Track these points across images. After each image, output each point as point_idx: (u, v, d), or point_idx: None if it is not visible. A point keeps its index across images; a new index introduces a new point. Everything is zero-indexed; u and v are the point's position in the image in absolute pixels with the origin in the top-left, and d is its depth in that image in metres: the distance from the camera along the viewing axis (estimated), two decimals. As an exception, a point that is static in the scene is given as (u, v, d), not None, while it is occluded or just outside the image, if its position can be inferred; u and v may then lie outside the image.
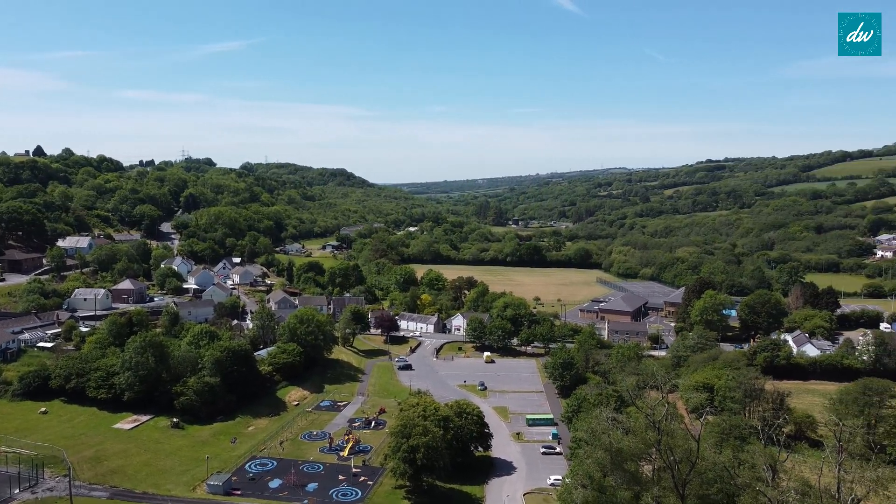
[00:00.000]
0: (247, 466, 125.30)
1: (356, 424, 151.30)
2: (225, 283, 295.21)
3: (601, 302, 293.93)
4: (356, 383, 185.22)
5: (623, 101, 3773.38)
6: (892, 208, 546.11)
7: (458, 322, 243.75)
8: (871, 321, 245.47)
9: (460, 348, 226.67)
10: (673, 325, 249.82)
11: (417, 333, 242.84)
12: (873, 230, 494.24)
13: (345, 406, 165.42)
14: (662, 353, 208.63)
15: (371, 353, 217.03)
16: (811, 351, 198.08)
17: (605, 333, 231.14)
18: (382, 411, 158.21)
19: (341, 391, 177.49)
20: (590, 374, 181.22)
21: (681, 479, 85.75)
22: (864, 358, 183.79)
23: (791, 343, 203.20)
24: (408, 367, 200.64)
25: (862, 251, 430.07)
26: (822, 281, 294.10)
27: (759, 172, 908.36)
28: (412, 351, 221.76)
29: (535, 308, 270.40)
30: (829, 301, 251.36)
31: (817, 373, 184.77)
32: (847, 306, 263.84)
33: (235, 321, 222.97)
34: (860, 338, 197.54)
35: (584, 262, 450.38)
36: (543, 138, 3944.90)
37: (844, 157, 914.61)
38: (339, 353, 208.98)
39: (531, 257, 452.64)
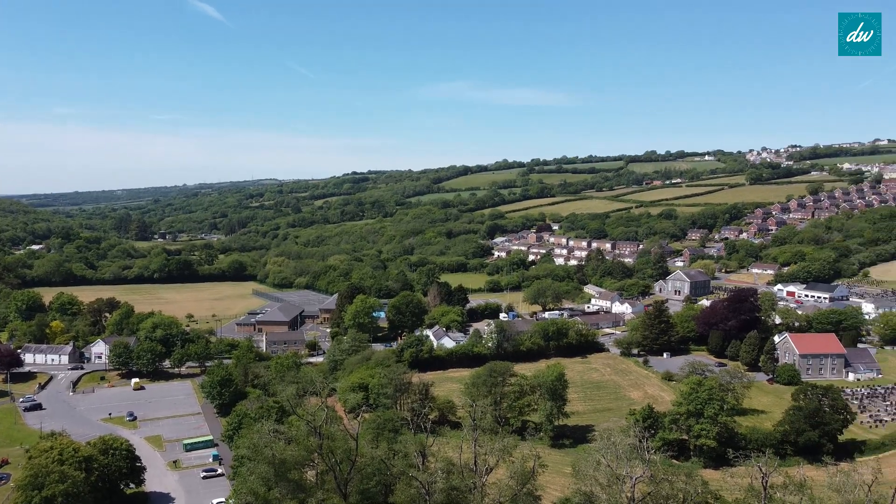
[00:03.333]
0: None
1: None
2: None
3: (258, 314, 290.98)
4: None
5: (271, 113, 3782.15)
6: (504, 215, 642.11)
7: (100, 349, 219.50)
8: (493, 312, 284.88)
9: (103, 378, 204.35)
10: (329, 330, 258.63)
11: (48, 367, 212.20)
12: (490, 234, 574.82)
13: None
14: (320, 359, 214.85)
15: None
16: (448, 343, 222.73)
17: (264, 345, 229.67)
18: (5, 462, 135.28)
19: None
20: (250, 388, 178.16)
21: (343, 479, 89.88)
22: (490, 345, 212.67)
23: (432, 337, 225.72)
24: (37, 407, 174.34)
25: (483, 252, 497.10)
26: (453, 280, 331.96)
27: (398, 184, 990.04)
28: (42, 387, 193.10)
29: (188, 326, 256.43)
30: (460, 297, 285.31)
31: (454, 361, 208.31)
32: (474, 301, 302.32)
33: None
34: (485, 327, 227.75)
35: (238, 274, 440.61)
36: (189, 147, 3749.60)
37: (466, 170, 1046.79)
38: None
39: (181, 272, 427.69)
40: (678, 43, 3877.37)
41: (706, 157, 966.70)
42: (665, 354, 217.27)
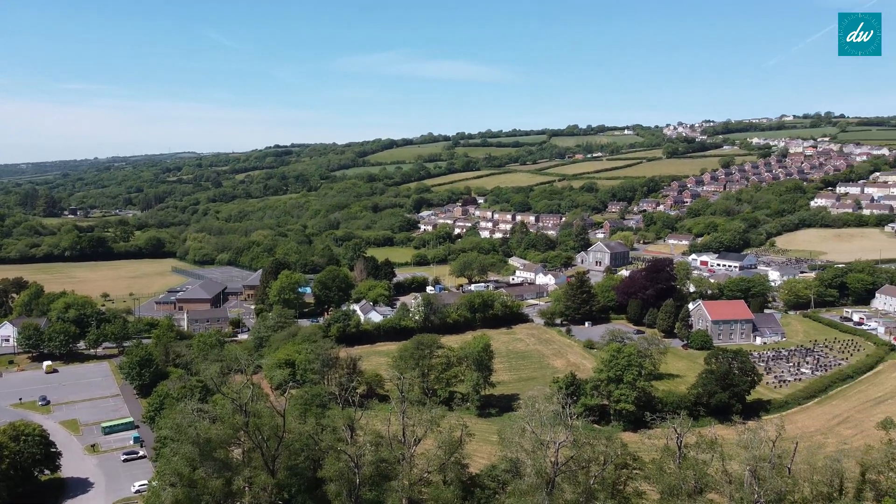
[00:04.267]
0: None
1: None
2: None
3: (178, 291, 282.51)
4: None
5: (189, 84, 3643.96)
6: (430, 188, 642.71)
7: (7, 331, 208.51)
8: (420, 286, 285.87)
9: (12, 361, 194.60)
10: (253, 307, 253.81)
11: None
12: (417, 207, 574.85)
13: None
14: (245, 336, 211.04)
15: None
16: (375, 317, 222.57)
17: (185, 324, 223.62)
18: None
19: None
20: (171, 367, 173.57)
21: (270, 456, 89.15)
22: (417, 318, 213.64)
23: (359, 312, 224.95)
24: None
25: (410, 226, 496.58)
26: (380, 254, 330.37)
27: (322, 157, 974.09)
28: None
29: (103, 305, 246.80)
30: (387, 272, 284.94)
31: (382, 335, 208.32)
32: (401, 275, 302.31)
33: None
34: (412, 301, 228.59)
35: (156, 251, 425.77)
36: (101, 119, 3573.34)
37: (392, 144, 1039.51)
38: None
39: (95, 250, 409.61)
40: (599, 21, 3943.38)
41: (626, 132, 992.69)
42: (587, 323, 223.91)
